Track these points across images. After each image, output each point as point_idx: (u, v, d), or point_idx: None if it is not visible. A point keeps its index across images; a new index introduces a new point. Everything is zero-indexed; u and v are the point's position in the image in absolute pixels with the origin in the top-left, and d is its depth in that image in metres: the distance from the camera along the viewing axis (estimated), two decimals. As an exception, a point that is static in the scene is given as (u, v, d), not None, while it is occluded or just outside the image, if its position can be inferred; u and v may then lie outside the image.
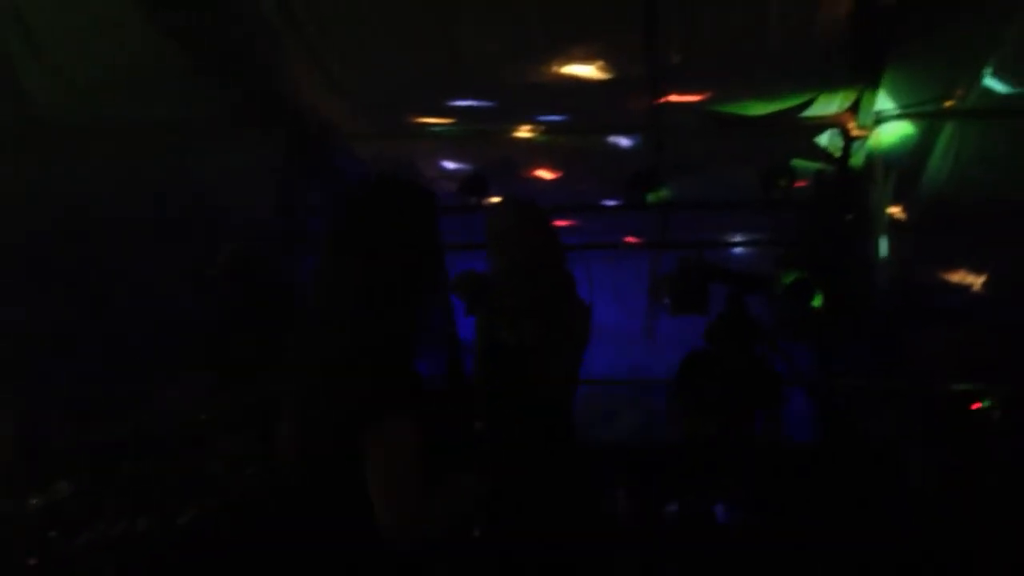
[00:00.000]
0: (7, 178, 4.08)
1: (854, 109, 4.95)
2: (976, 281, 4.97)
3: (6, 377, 3.51)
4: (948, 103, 4.56)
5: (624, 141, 5.49)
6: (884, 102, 4.89)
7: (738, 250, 6.27)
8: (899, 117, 4.89)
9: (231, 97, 4.78)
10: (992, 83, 4.45)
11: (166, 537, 3.60)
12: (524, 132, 5.42)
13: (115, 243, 4.11)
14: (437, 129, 5.41)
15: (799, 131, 5.22)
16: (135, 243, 4.23)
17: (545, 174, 5.76)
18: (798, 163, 5.31)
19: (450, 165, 5.72)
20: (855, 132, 5.06)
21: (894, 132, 4.99)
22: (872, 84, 4.78)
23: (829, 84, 4.86)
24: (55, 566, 3.35)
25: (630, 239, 6.21)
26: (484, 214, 3.12)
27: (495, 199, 5.43)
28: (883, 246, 5.04)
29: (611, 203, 5.94)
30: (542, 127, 5.41)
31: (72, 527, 3.40)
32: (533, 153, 5.58)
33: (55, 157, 4.19)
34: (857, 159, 5.22)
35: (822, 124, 5.19)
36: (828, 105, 5.01)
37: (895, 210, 4.98)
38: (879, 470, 4.86)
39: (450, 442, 2.09)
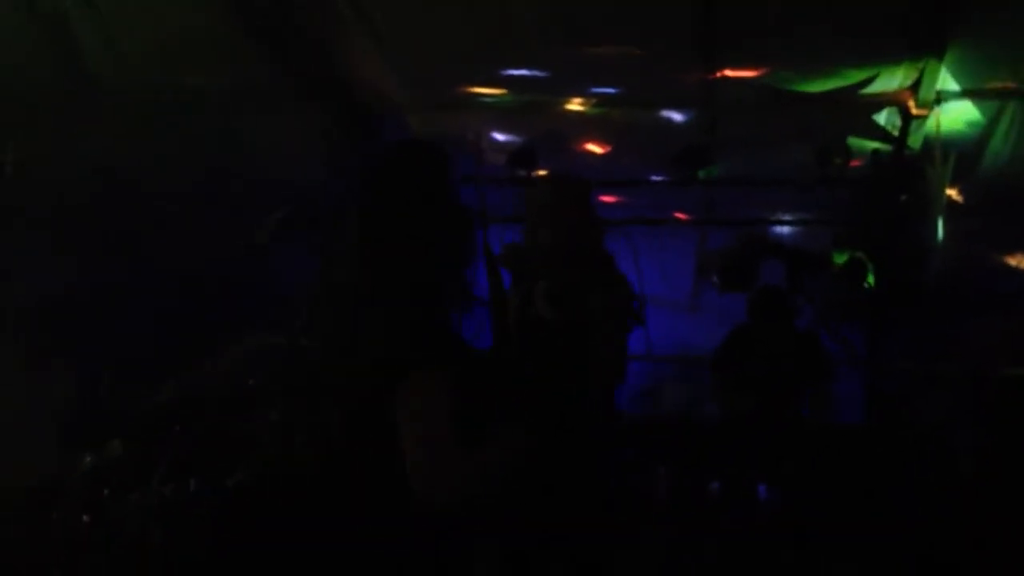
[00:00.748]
0: (61, 141, 4.14)
1: (915, 87, 4.83)
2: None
3: (63, 337, 3.57)
4: (1011, 83, 4.42)
5: (676, 115, 5.42)
6: (946, 80, 4.77)
7: (788, 229, 6.19)
8: (961, 96, 4.76)
9: (284, 67, 4.80)
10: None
11: (215, 499, 3.67)
12: (575, 105, 5.38)
13: (168, 208, 4.16)
14: (487, 100, 5.38)
15: (857, 109, 5.12)
16: (188, 208, 4.28)
17: (595, 147, 5.72)
18: (855, 141, 5.20)
19: (500, 137, 5.69)
20: (915, 111, 4.94)
21: (955, 111, 4.85)
22: (934, 61, 4.65)
23: (890, 60, 4.73)
24: (107, 524, 3.43)
25: (678, 215, 6.14)
26: (526, 188, 3.10)
27: (541, 172, 5.40)
28: (940, 228, 4.92)
29: (660, 178, 5.88)
30: (594, 99, 5.36)
31: (124, 486, 3.47)
32: (584, 126, 5.53)
33: (110, 121, 4.24)
34: (916, 139, 5.11)
35: (881, 102, 5.08)
36: (889, 82, 4.89)
37: (953, 192, 4.86)
38: (927, 455, 4.79)
39: (492, 403, 2.05)
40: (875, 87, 4.94)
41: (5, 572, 3.07)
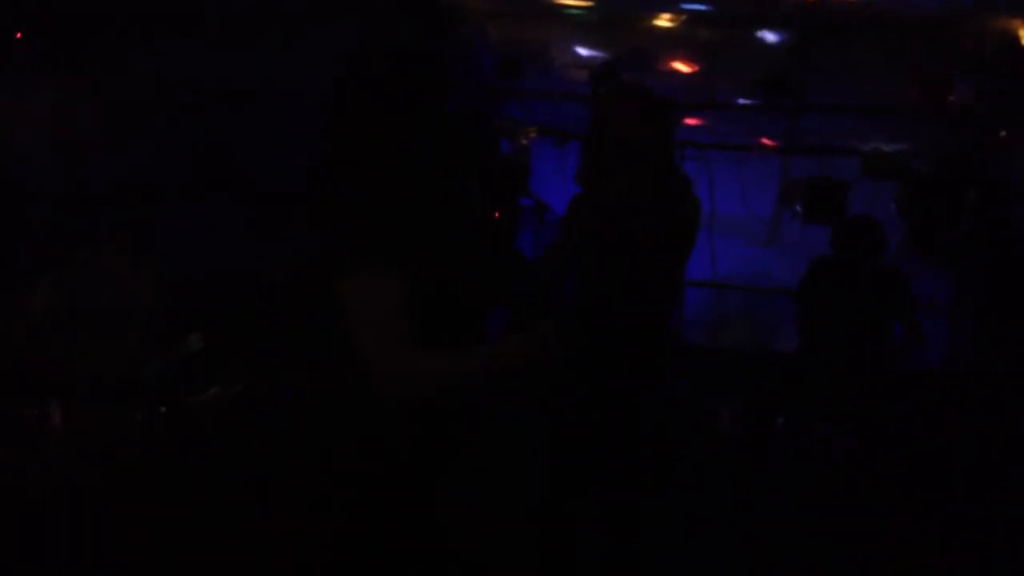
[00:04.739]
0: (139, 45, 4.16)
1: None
2: None
3: (146, 234, 3.62)
4: None
5: (766, 36, 5.18)
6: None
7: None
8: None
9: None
10: None
11: (282, 400, 3.74)
12: (661, 21, 5.18)
13: (249, 107, 4.17)
14: (572, 12, 5.21)
15: (961, 37, 4.83)
16: (267, 108, 4.28)
17: (679, 67, 5.52)
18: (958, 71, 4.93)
19: (582, 52, 5.53)
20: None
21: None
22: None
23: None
24: (182, 416, 3.52)
25: (764, 141, 5.93)
26: (594, 102, 2.96)
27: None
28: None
29: (745, 102, 5.67)
30: (681, 16, 5.16)
31: (201, 381, 3.55)
32: (669, 44, 5.34)
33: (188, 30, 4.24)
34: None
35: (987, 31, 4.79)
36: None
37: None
38: (1007, 404, 4.64)
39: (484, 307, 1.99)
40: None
41: (86, 463, 3.16)
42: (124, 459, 3.28)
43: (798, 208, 5.27)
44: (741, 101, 5.69)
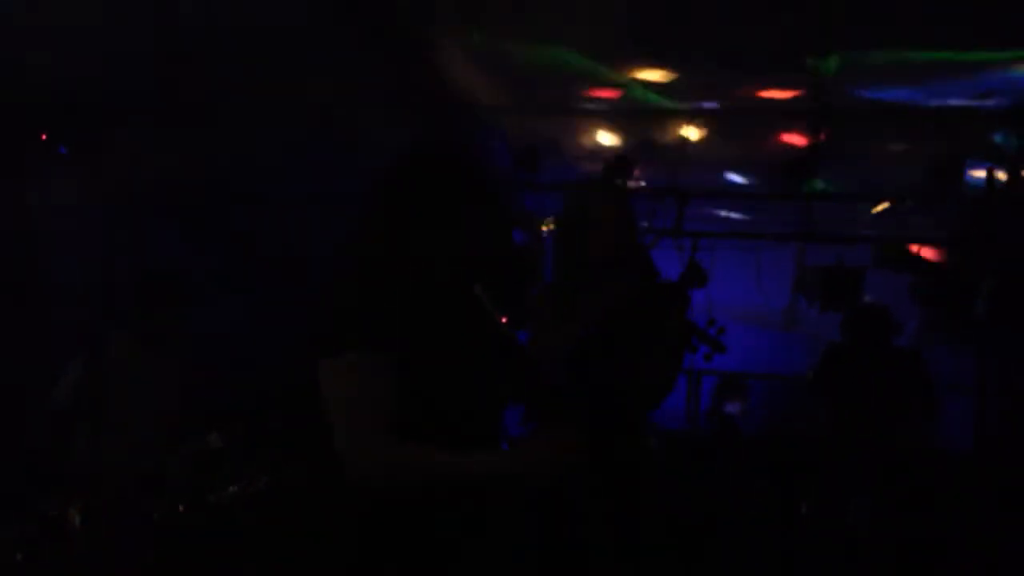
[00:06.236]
0: (173, 137, 4.25)
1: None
2: None
3: (164, 329, 3.64)
4: None
5: (780, 126, 5.27)
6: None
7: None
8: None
9: (380, 65, 4.81)
10: None
11: (308, 492, 3.69)
12: (675, 114, 5.27)
13: (271, 204, 4.23)
14: (586, 108, 5.31)
15: (972, 125, 4.91)
16: (288, 204, 4.34)
17: (693, 157, 5.60)
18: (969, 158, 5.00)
19: (598, 144, 5.62)
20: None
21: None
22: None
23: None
24: (203, 514, 3.47)
25: (777, 229, 5.97)
26: (567, 194, 2.95)
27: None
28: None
29: (759, 191, 5.74)
30: (694, 109, 5.26)
31: (222, 478, 3.51)
32: (682, 135, 5.43)
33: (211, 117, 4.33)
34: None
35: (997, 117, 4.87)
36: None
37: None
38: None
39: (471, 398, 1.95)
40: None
41: (107, 557, 3.11)
42: (144, 558, 3.23)
43: (814, 296, 5.29)
44: (756, 189, 5.76)
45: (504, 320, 2.01)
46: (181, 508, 3.42)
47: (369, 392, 1.78)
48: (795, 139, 5.19)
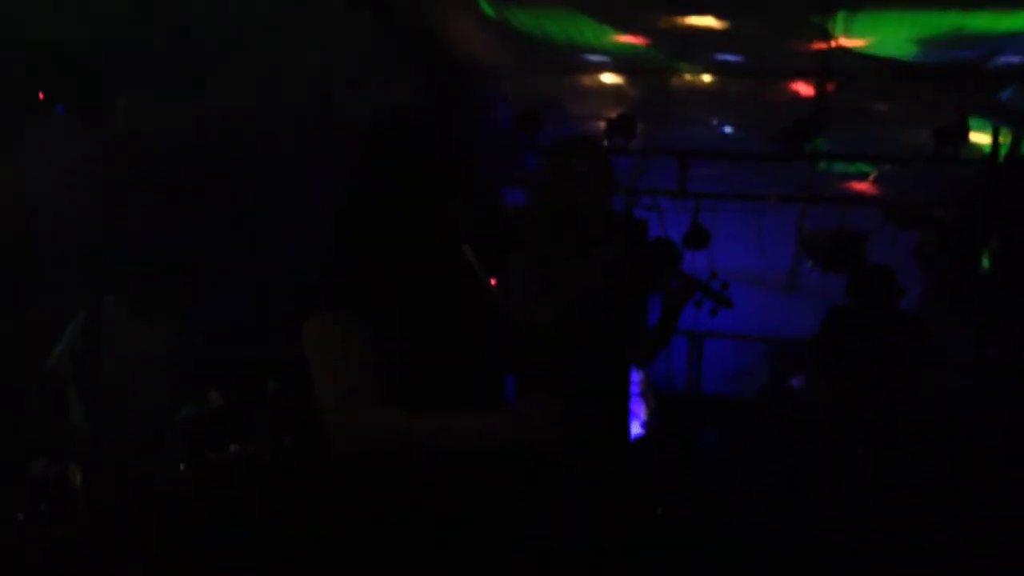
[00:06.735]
0: (166, 105, 4.21)
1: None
2: None
3: (167, 294, 3.63)
4: None
5: (785, 87, 5.21)
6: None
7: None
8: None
9: (385, 31, 4.75)
10: None
11: (306, 456, 3.70)
12: (679, 74, 5.21)
13: (264, 167, 4.19)
14: (590, 68, 5.25)
15: (979, 85, 4.85)
16: (283, 169, 4.30)
17: (697, 118, 5.55)
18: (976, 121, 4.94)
19: (600, 105, 5.56)
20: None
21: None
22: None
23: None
24: (203, 474, 3.48)
25: (780, 191, 5.92)
26: (558, 150, 2.90)
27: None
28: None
29: (763, 152, 5.68)
30: (698, 69, 5.19)
31: (221, 439, 3.52)
32: (686, 96, 5.37)
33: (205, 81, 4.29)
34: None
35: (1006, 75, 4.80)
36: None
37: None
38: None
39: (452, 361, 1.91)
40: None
41: (106, 518, 3.13)
42: (145, 518, 3.25)
43: (817, 258, 5.26)
44: (757, 150, 5.70)
45: (493, 283, 2.00)
46: (182, 467, 3.44)
47: (349, 353, 1.77)
48: (801, 96, 5.13)
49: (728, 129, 5.73)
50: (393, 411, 1.77)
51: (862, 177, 5.90)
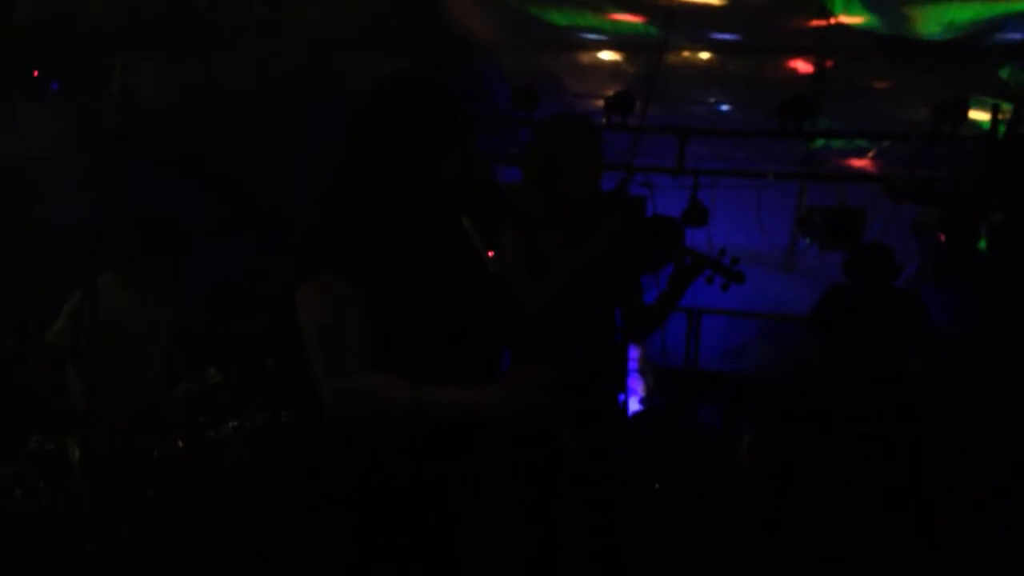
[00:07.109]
0: (169, 74, 4.19)
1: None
2: None
3: (167, 267, 3.63)
4: None
5: (783, 64, 5.18)
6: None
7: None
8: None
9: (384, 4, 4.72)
10: None
11: (304, 431, 3.71)
12: (677, 51, 5.18)
13: (266, 147, 4.18)
14: (587, 44, 5.22)
15: (979, 62, 4.82)
16: (287, 146, 4.29)
17: (694, 95, 5.52)
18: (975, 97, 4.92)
19: (599, 81, 5.54)
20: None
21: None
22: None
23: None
24: (201, 448, 3.50)
25: (779, 168, 5.91)
26: (547, 130, 2.87)
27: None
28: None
29: (761, 129, 5.66)
30: (696, 46, 5.16)
31: (221, 413, 3.53)
32: (683, 73, 5.34)
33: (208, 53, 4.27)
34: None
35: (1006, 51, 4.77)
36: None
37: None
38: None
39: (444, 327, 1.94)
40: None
41: (104, 493, 3.14)
42: (142, 493, 3.26)
43: (816, 235, 5.26)
44: (756, 128, 5.68)
45: (491, 255, 2.00)
46: (180, 443, 3.45)
47: (342, 318, 1.78)
48: (800, 73, 5.10)
49: (726, 107, 5.70)
50: (390, 377, 1.79)
51: (861, 154, 5.90)
